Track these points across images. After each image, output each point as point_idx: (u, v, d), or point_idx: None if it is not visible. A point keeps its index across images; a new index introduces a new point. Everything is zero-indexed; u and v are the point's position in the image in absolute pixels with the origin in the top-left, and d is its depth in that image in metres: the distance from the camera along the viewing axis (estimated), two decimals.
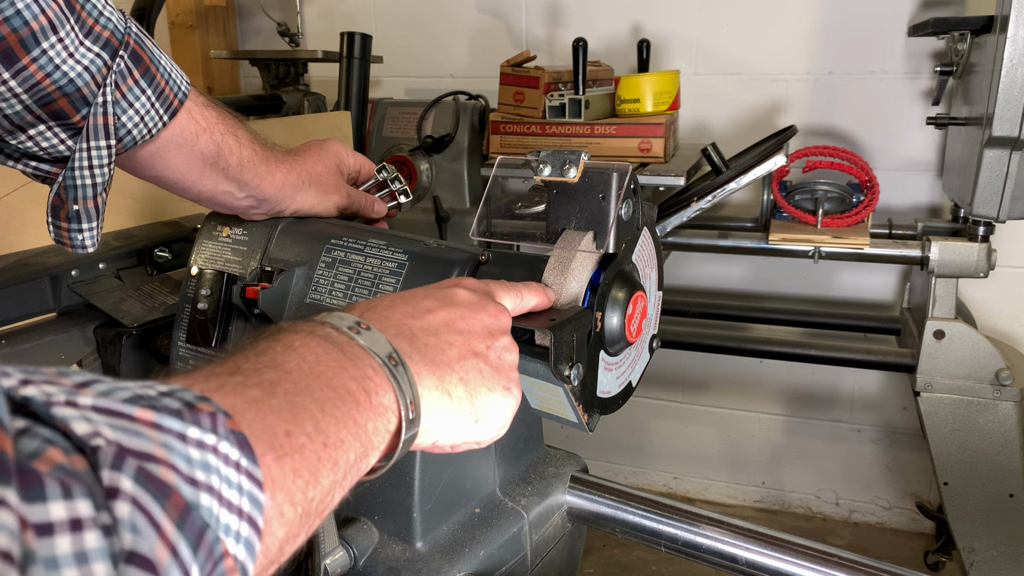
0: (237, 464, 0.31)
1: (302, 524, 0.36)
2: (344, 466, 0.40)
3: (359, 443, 0.41)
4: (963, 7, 1.77)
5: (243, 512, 0.31)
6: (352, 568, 0.70)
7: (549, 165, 0.66)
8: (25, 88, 0.59)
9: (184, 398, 0.32)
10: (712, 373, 2.18)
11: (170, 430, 0.29)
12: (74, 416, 0.27)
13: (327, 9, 2.36)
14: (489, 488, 0.79)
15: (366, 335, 0.45)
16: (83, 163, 0.63)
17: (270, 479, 0.34)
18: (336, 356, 0.43)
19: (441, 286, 0.56)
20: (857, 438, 2.11)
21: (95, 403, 0.28)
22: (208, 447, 0.30)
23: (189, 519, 0.28)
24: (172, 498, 0.27)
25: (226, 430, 0.32)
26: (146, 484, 0.27)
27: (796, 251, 1.60)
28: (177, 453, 0.29)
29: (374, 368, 0.44)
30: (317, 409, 0.39)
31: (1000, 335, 1.84)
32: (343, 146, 0.87)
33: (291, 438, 0.36)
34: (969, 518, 1.56)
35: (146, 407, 0.29)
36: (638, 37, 1.91)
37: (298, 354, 0.42)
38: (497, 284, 0.60)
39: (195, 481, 0.29)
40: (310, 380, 0.40)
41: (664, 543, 0.78)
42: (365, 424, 0.42)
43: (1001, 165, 1.37)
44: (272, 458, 0.35)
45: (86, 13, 0.61)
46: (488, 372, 0.51)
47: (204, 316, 0.83)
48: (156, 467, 0.28)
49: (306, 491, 0.36)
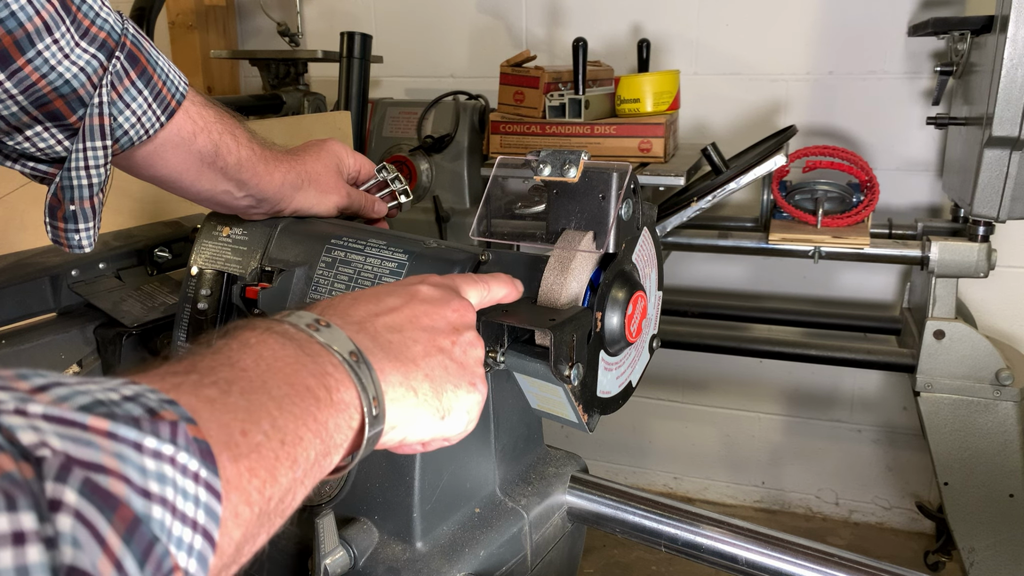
0: (196, 475, 0.31)
1: (260, 524, 0.36)
2: (304, 464, 0.39)
3: (319, 440, 0.40)
4: (963, 7, 1.77)
5: (197, 524, 0.30)
6: (352, 568, 0.70)
7: (549, 165, 0.66)
8: (21, 89, 0.59)
9: (147, 404, 0.31)
10: (712, 373, 2.18)
11: (125, 440, 0.29)
12: (21, 425, 0.26)
13: (327, 9, 2.36)
14: (489, 488, 0.79)
15: (325, 332, 0.45)
16: (80, 164, 0.63)
17: (225, 480, 0.33)
18: (294, 353, 0.42)
19: (405, 283, 0.55)
20: (857, 438, 2.11)
21: (46, 411, 0.27)
22: (165, 458, 0.30)
23: (137, 532, 0.27)
24: (120, 511, 0.27)
25: (187, 439, 0.31)
26: (91, 496, 0.26)
27: (796, 251, 1.60)
28: (131, 464, 0.28)
29: (334, 364, 0.43)
30: (274, 407, 0.38)
31: (1000, 335, 1.84)
32: (343, 146, 0.87)
33: (247, 437, 0.36)
34: (969, 518, 1.55)
35: (102, 415, 0.29)
36: (638, 37, 1.91)
37: (254, 351, 0.41)
38: (462, 278, 0.59)
39: (148, 493, 0.28)
40: (267, 377, 0.40)
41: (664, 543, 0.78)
42: (326, 421, 0.41)
43: (1001, 165, 1.37)
44: (227, 458, 0.34)
45: (82, 14, 0.61)
46: (453, 368, 0.51)
47: (204, 316, 0.83)
48: (105, 478, 0.27)
49: (263, 490, 0.36)
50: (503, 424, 0.80)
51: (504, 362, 0.64)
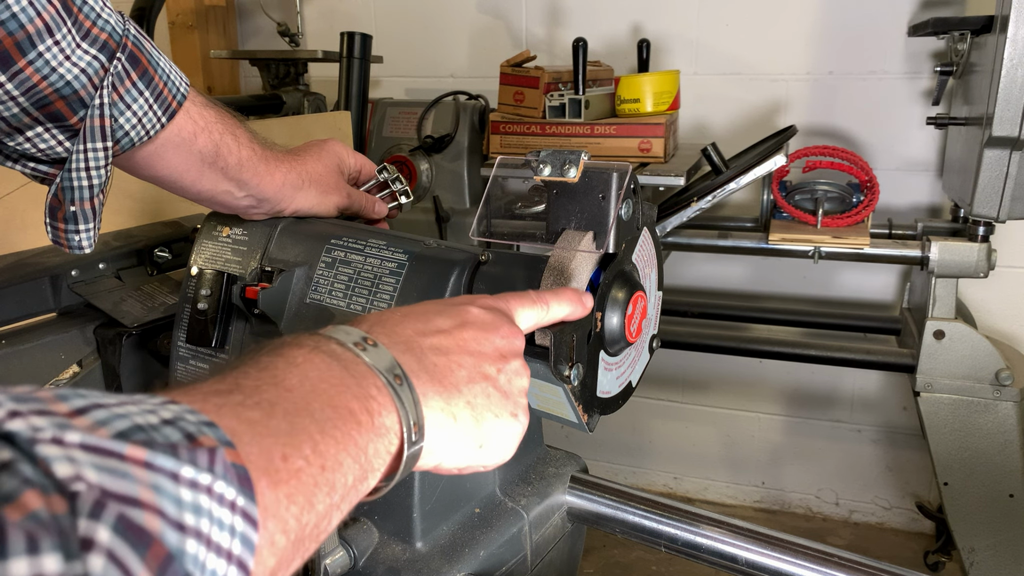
0: (232, 504, 0.30)
1: (295, 551, 0.36)
2: (342, 489, 0.39)
3: (358, 465, 0.40)
4: (963, 7, 1.77)
5: (232, 555, 0.30)
6: (352, 568, 0.70)
7: (549, 165, 0.66)
8: (22, 91, 0.59)
9: (186, 429, 0.31)
10: (712, 373, 2.18)
11: (162, 469, 0.28)
12: (57, 456, 0.26)
13: (327, 9, 2.36)
14: (489, 488, 0.79)
15: (372, 352, 0.44)
16: (80, 165, 0.63)
17: (263, 507, 0.33)
18: (339, 374, 0.42)
19: (454, 302, 0.53)
20: (857, 438, 2.11)
21: (83, 440, 0.27)
22: (202, 487, 0.29)
23: (169, 570, 0.27)
24: (153, 548, 0.26)
25: (224, 466, 0.31)
26: (125, 533, 0.26)
27: (796, 251, 1.60)
28: (166, 495, 0.28)
29: (378, 387, 0.43)
30: (316, 430, 0.38)
31: (1000, 335, 1.84)
32: (343, 146, 0.87)
33: (288, 462, 0.35)
34: (969, 518, 1.55)
35: (140, 444, 0.28)
36: (638, 37, 1.91)
37: (301, 371, 0.41)
38: (517, 299, 0.57)
39: (183, 526, 0.28)
40: (311, 399, 0.39)
41: (664, 543, 0.78)
42: (365, 446, 0.41)
43: (1001, 165, 1.37)
44: (266, 484, 0.34)
45: (83, 15, 0.61)
46: (496, 397, 0.50)
47: (204, 316, 0.83)
48: (139, 513, 0.26)
49: (300, 517, 0.35)
50: None
51: None
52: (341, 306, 0.75)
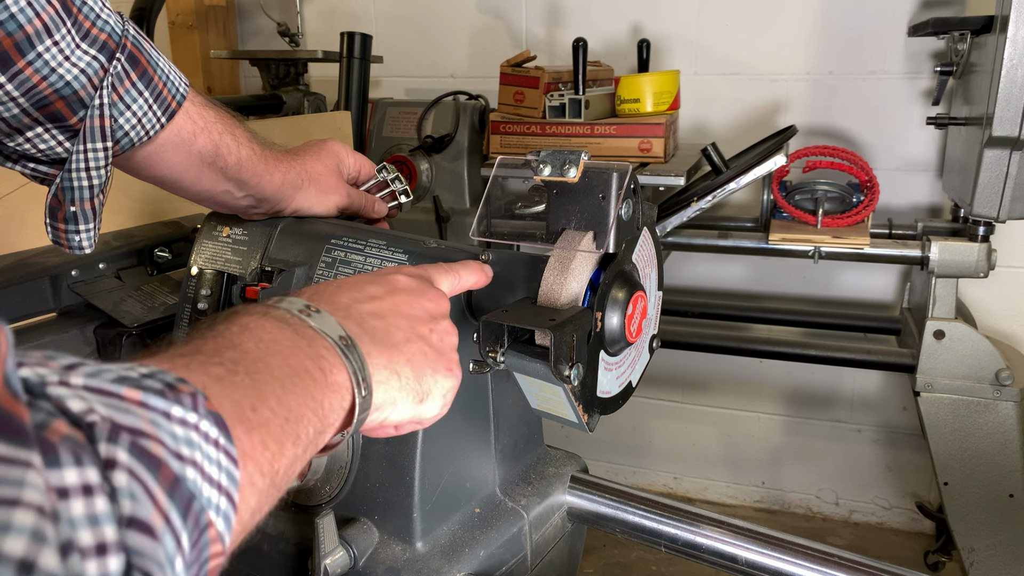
0: (216, 442, 0.33)
1: (269, 494, 0.38)
2: (304, 440, 0.41)
3: (317, 418, 0.43)
4: (963, 7, 1.77)
5: (222, 487, 0.33)
6: (352, 568, 0.70)
7: (549, 165, 0.66)
8: (21, 92, 0.59)
9: (164, 379, 0.33)
10: (712, 373, 2.18)
11: (156, 408, 0.31)
12: (68, 395, 0.28)
13: (327, 9, 2.36)
14: (489, 488, 0.79)
15: (316, 317, 0.47)
16: (80, 165, 0.63)
17: (242, 451, 0.36)
18: (291, 336, 0.45)
19: (382, 272, 0.58)
20: (857, 438, 2.11)
21: (86, 383, 0.30)
22: (191, 425, 0.32)
23: (179, 490, 0.30)
24: (163, 470, 0.29)
25: (205, 410, 0.33)
26: (140, 456, 0.29)
27: (796, 251, 1.60)
28: (164, 430, 0.31)
29: (327, 348, 0.46)
30: (278, 386, 0.41)
31: (1000, 335, 1.84)
32: (343, 146, 0.87)
33: (257, 412, 0.38)
34: (969, 518, 1.55)
35: (132, 387, 0.31)
36: (638, 37, 1.91)
37: (254, 334, 0.43)
38: (435, 268, 0.62)
39: (181, 456, 0.31)
40: (268, 359, 0.42)
41: (664, 543, 0.78)
42: (322, 400, 0.43)
43: (1001, 165, 1.37)
44: (242, 431, 0.36)
45: (83, 16, 0.61)
46: (432, 354, 0.54)
47: (204, 316, 0.83)
48: (147, 442, 0.29)
49: (273, 463, 0.38)
50: (503, 424, 0.80)
51: (504, 362, 0.64)
52: None
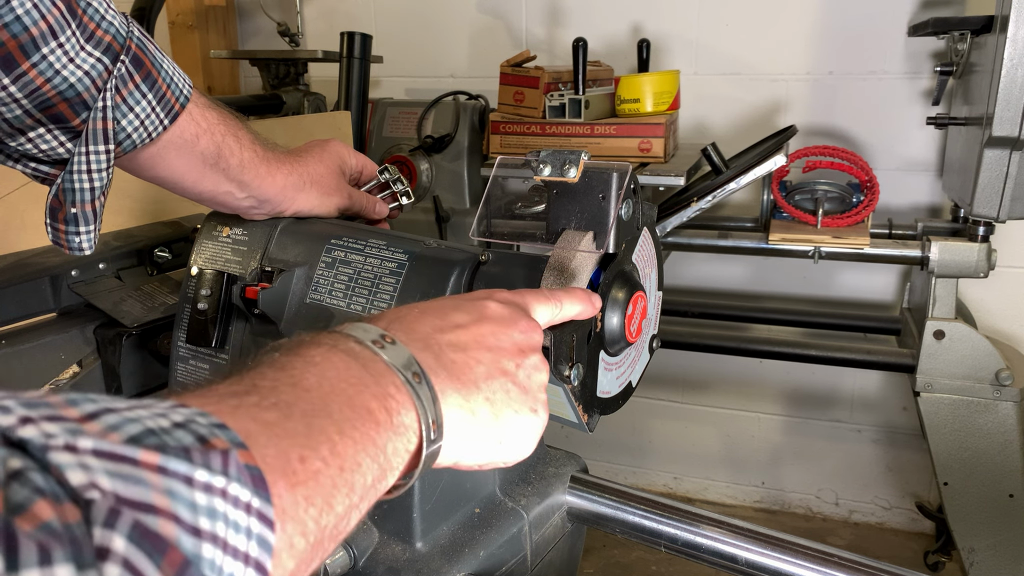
0: (248, 506, 0.30)
1: (314, 552, 0.35)
2: (361, 489, 0.38)
3: (377, 465, 0.40)
4: (963, 7, 1.77)
5: (249, 558, 0.30)
6: (352, 568, 0.70)
7: (549, 165, 0.66)
8: (25, 93, 0.59)
9: (198, 431, 0.30)
10: (712, 373, 2.18)
11: (176, 474, 0.28)
12: (70, 464, 0.25)
13: (327, 9, 2.36)
14: (489, 488, 0.79)
15: (390, 350, 0.44)
16: (82, 167, 0.63)
17: (281, 509, 0.33)
18: (358, 372, 0.41)
19: (472, 297, 0.53)
20: (857, 438, 2.11)
21: (96, 446, 0.26)
22: (216, 491, 0.29)
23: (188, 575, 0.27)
24: (169, 554, 0.26)
25: (238, 468, 0.30)
26: (140, 541, 0.25)
27: (796, 251, 1.60)
28: (181, 500, 0.28)
29: (396, 386, 0.42)
30: (335, 431, 0.37)
31: (1000, 335, 1.84)
32: (345, 146, 0.87)
33: (305, 464, 0.35)
34: (969, 518, 1.56)
35: (152, 448, 0.28)
36: (638, 37, 1.91)
37: (319, 370, 0.40)
38: (533, 295, 0.57)
39: (198, 531, 0.27)
40: (329, 399, 0.39)
41: (664, 543, 0.78)
42: (384, 445, 0.40)
43: (1001, 165, 1.37)
44: (284, 486, 0.33)
45: (88, 17, 0.61)
46: (515, 392, 0.49)
47: (204, 316, 0.83)
48: (154, 519, 0.26)
49: (319, 519, 0.35)
50: None
51: None
52: (341, 306, 0.75)
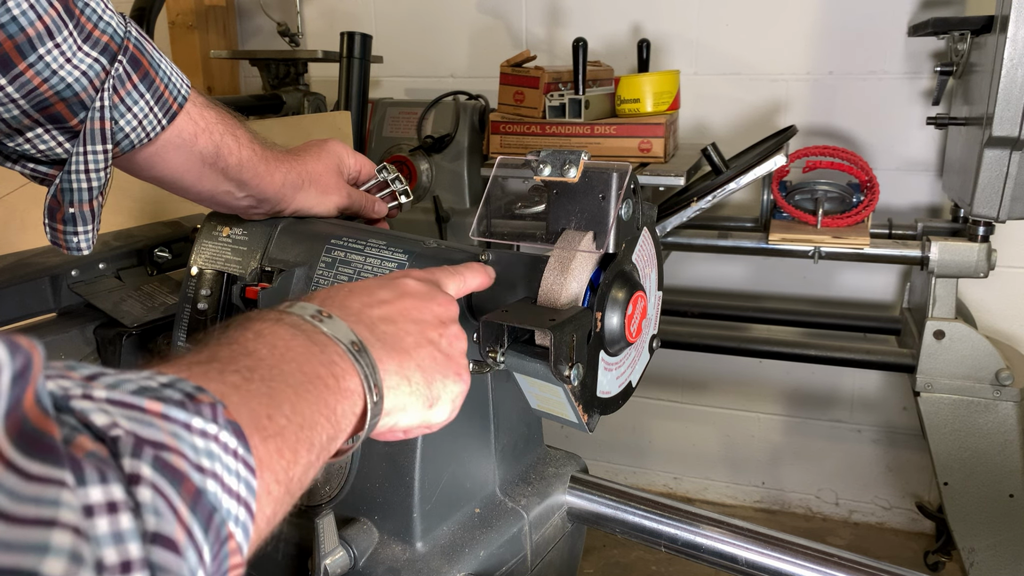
0: (235, 452, 0.33)
1: (284, 502, 0.39)
2: (318, 446, 0.41)
3: (330, 425, 0.43)
4: (963, 7, 1.77)
5: (240, 497, 0.33)
6: (352, 568, 0.70)
7: (549, 165, 0.66)
8: (22, 93, 0.59)
9: (184, 389, 0.33)
10: (712, 373, 2.18)
11: (177, 420, 0.31)
12: (92, 408, 0.29)
13: (327, 9, 2.36)
14: (489, 488, 0.79)
15: (328, 323, 0.47)
16: (80, 167, 0.63)
17: (258, 459, 0.36)
18: (304, 342, 0.45)
19: (391, 277, 0.58)
20: (857, 438, 2.11)
21: (108, 395, 0.30)
22: (211, 436, 0.32)
23: (200, 503, 0.30)
24: (185, 483, 0.29)
25: (224, 419, 0.34)
26: (162, 471, 0.29)
27: (796, 251, 1.60)
28: (185, 442, 0.31)
29: (339, 354, 0.46)
30: (292, 393, 0.41)
31: (1000, 335, 1.84)
32: (344, 146, 0.87)
33: (272, 420, 0.38)
34: (969, 518, 1.55)
35: (153, 398, 0.31)
36: (638, 37, 1.91)
37: (268, 341, 0.44)
38: (441, 272, 0.62)
39: (202, 468, 0.31)
40: (283, 365, 0.42)
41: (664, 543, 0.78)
42: (335, 407, 0.44)
43: (1001, 165, 1.37)
44: (259, 439, 0.37)
45: (85, 18, 0.61)
46: (441, 359, 0.54)
47: (204, 316, 0.83)
48: (169, 455, 0.30)
49: (288, 470, 0.38)
50: (503, 424, 0.80)
51: (504, 362, 0.64)
52: None
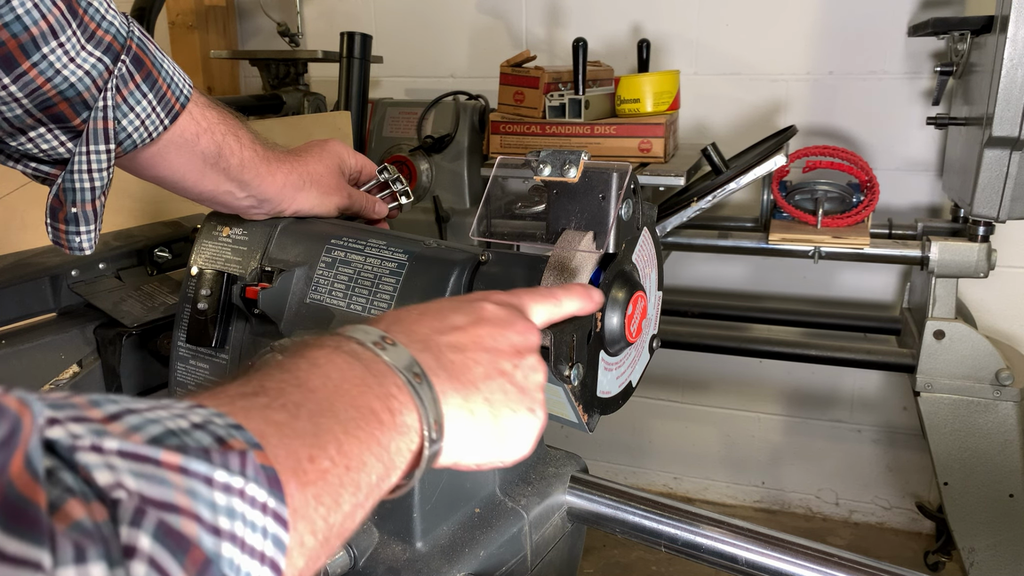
0: (264, 506, 0.31)
1: (322, 549, 0.36)
2: (366, 488, 0.39)
3: (381, 464, 0.40)
4: (963, 7, 1.77)
5: (265, 556, 0.31)
6: (352, 568, 0.70)
7: (549, 165, 0.66)
8: (25, 93, 0.59)
9: (216, 433, 0.31)
10: (712, 373, 2.18)
11: (196, 474, 0.29)
12: (97, 464, 0.26)
13: (327, 9, 2.36)
14: (489, 488, 0.79)
15: (391, 351, 0.45)
16: (82, 167, 0.63)
17: (293, 508, 0.33)
18: (361, 373, 0.42)
19: (469, 299, 0.54)
20: (857, 438, 2.11)
21: (121, 447, 0.28)
22: (235, 491, 0.30)
23: (208, 574, 0.27)
24: (191, 553, 0.27)
25: (255, 468, 0.31)
26: (165, 540, 0.26)
27: (796, 251, 1.60)
28: (201, 500, 0.29)
29: (398, 386, 0.43)
30: (341, 431, 0.38)
31: (1000, 335, 1.84)
32: (344, 146, 0.87)
33: (314, 463, 0.36)
34: (969, 518, 1.55)
35: (174, 449, 0.29)
36: (638, 37, 1.91)
37: (323, 371, 0.41)
38: (529, 295, 0.57)
39: (218, 530, 0.28)
40: (334, 400, 0.40)
41: (664, 543, 0.78)
42: (388, 444, 0.41)
43: (1001, 165, 1.37)
44: (295, 486, 0.34)
45: (88, 17, 0.61)
46: (513, 392, 0.50)
47: (204, 316, 0.83)
48: (177, 519, 0.27)
49: (328, 517, 0.36)
50: None
51: None
52: (341, 306, 0.75)
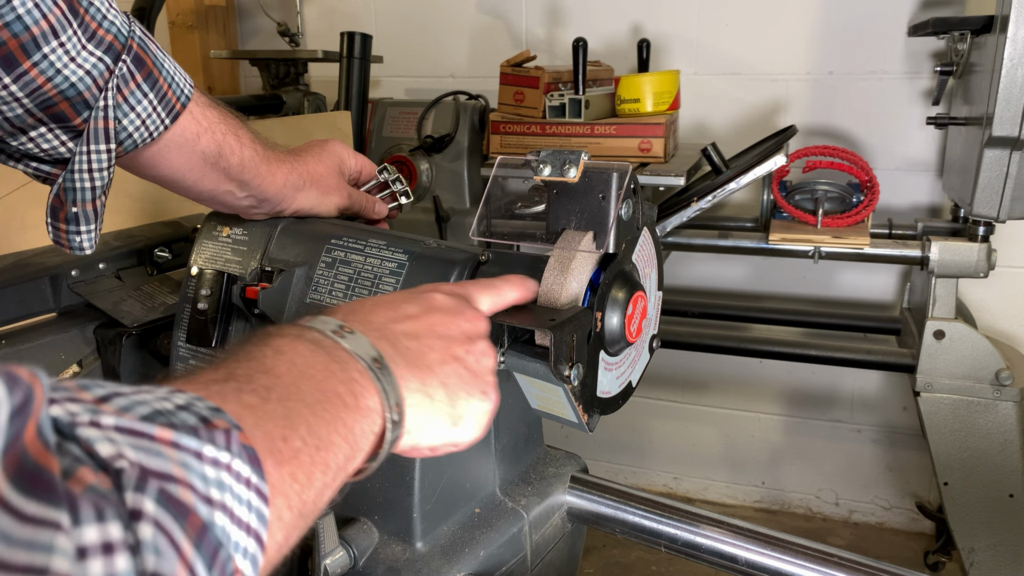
0: (247, 481, 0.33)
1: (296, 525, 0.38)
2: (334, 468, 0.41)
3: (347, 445, 0.42)
4: (963, 7, 1.77)
5: (251, 528, 0.32)
6: (352, 568, 0.70)
7: (549, 165, 0.66)
8: (26, 92, 0.59)
9: (200, 412, 0.33)
10: (712, 373, 2.18)
11: (188, 449, 0.30)
12: (98, 437, 0.28)
13: (327, 9, 2.36)
14: (489, 488, 0.79)
15: (350, 339, 0.46)
16: (83, 166, 0.63)
17: (271, 485, 0.35)
18: (324, 360, 0.44)
19: (419, 291, 0.56)
20: (857, 438, 2.11)
21: (117, 423, 0.29)
22: (223, 465, 0.32)
23: (205, 539, 0.29)
24: (190, 518, 0.29)
25: (239, 446, 0.33)
26: (167, 505, 0.28)
27: (796, 251, 1.60)
28: (194, 472, 0.30)
29: (360, 371, 0.45)
30: (309, 413, 0.40)
31: (1000, 335, 1.84)
32: (344, 146, 0.87)
33: (287, 443, 0.38)
34: (969, 518, 1.55)
35: (165, 425, 0.30)
36: (638, 37, 1.91)
37: (287, 358, 0.43)
38: (474, 286, 0.60)
39: (210, 500, 0.30)
40: (300, 384, 0.41)
41: (664, 543, 0.78)
42: (353, 426, 0.43)
43: (1001, 165, 1.37)
44: (272, 464, 0.36)
45: (89, 17, 0.61)
46: (467, 376, 0.52)
47: (204, 316, 0.83)
48: (175, 487, 0.29)
49: (301, 494, 0.38)
50: (503, 424, 0.80)
51: (504, 362, 0.64)
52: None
